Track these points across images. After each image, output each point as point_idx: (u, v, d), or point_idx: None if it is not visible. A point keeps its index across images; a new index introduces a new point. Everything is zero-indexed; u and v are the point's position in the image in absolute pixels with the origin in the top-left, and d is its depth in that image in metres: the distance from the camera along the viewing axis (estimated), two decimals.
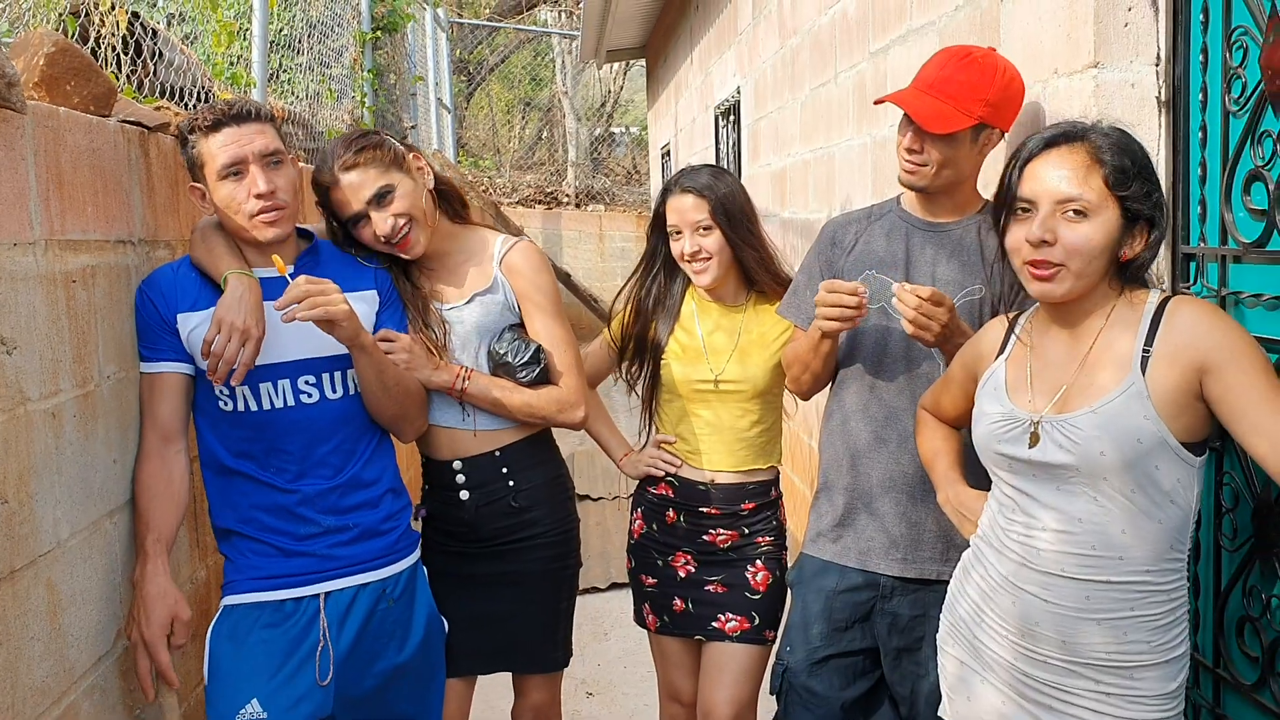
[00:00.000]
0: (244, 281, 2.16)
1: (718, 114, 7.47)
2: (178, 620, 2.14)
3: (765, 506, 2.76)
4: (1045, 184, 1.72)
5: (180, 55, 3.55)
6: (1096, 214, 1.69)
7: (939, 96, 2.18)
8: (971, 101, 2.16)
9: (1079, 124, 1.76)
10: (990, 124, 2.20)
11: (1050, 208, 1.71)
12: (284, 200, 2.19)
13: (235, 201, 2.16)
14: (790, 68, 5.09)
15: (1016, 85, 2.23)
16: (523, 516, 2.56)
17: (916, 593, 2.30)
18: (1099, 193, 1.69)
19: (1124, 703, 1.73)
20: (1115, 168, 1.69)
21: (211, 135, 2.15)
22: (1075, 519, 1.72)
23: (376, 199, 2.35)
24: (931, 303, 2.08)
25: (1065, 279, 1.72)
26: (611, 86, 17.27)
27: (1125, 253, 1.73)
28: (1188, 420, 1.67)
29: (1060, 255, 1.70)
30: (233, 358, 2.10)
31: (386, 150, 2.39)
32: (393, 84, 7.34)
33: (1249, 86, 1.89)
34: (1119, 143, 1.72)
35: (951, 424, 2.15)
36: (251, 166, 2.15)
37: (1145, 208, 1.70)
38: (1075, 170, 1.70)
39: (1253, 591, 1.90)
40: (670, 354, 2.75)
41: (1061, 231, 1.70)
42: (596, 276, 13.48)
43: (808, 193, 4.81)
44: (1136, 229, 1.72)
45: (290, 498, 2.24)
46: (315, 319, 2.11)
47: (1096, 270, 1.72)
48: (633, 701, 4.04)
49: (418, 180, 2.43)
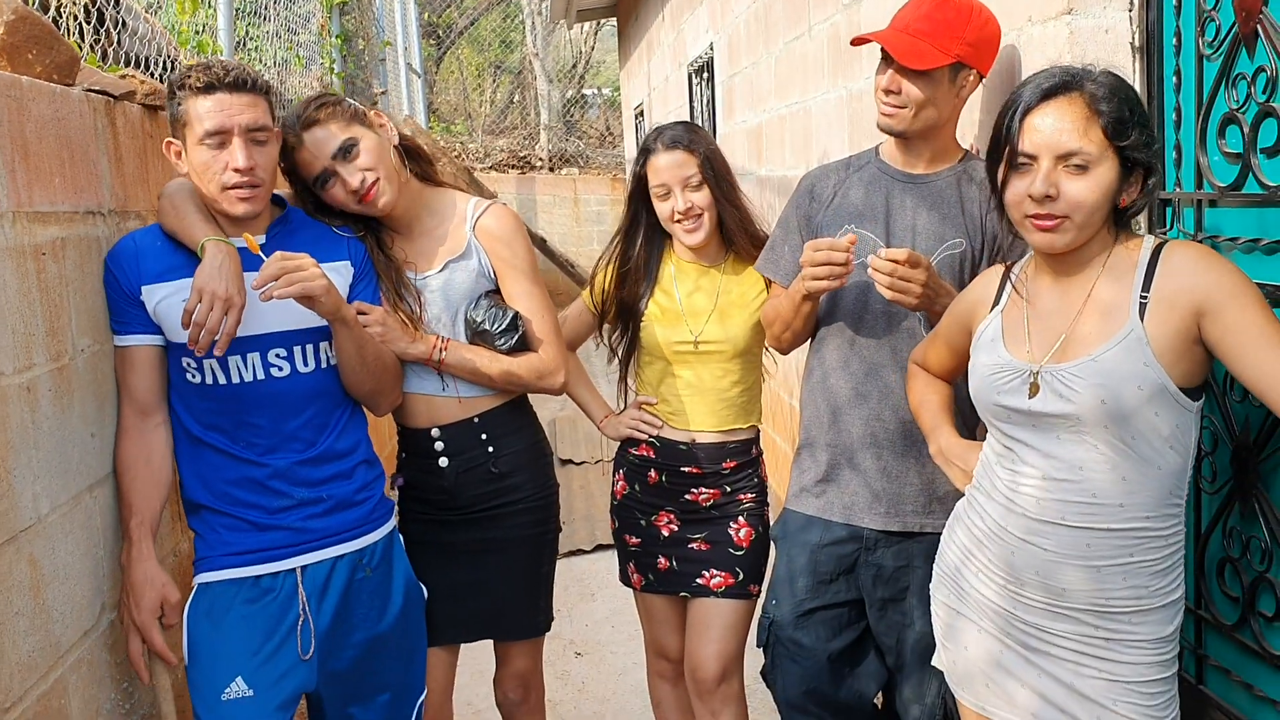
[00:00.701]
0: (223, 249, 2.12)
1: (691, 72, 7.42)
2: (166, 602, 2.13)
3: (746, 465, 2.76)
4: (1046, 137, 1.70)
5: (144, 24, 3.50)
6: (1097, 165, 1.69)
7: (916, 35, 2.18)
8: (949, 40, 2.16)
9: (1073, 71, 1.73)
10: (968, 64, 2.19)
11: (1052, 162, 1.70)
12: (261, 179, 2.15)
13: (211, 170, 2.12)
14: (763, 22, 5.05)
15: (993, 27, 2.22)
16: (503, 483, 2.56)
17: (900, 544, 2.31)
18: (1100, 144, 1.68)
19: (1122, 647, 1.75)
20: (1114, 118, 1.68)
21: (201, 96, 2.09)
22: (1076, 467, 1.73)
23: (342, 153, 2.34)
24: (909, 264, 2.08)
25: (1068, 230, 1.72)
26: (583, 47, 17.13)
27: (1123, 199, 1.73)
28: (1186, 365, 1.68)
29: (1064, 208, 1.70)
30: (215, 327, 2.06)
31: (346, 107, 2.39)
32: (361, 49, 7.27)
33: (1222, 29, 1.88)
34: (1115, 90, 1.71)
35: (943, 377, 2.16)
36: (235, 139, 2.10)
37: (1144, 156, 1.70)
38: (1075, 123, 1.69)
39: (1233, 533, 1.92)
40: (650, 316, 2.75)
41: (1064, 185, 1.70)
42: (572, 241, 13.43)
43: (784, 149, 4.79)
44: (1134, 176, 1.72)
45: (261, 470, 2.22)
46: (294, 295, 2.08)
47: (1098, 220, 1.73)
48: (621, 660, 4.07)
49: (381, 135, 2.42)
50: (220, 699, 2.16)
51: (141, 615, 2.10)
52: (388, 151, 2.42)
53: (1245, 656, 1.92)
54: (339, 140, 2.34)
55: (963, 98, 2.25)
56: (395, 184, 2.41)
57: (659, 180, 2.65)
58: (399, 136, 2.50)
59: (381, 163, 2.38)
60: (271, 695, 2.18)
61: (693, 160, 2.62)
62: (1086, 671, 1.77)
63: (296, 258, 2.10)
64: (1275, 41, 1.76)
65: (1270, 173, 1.80)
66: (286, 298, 2.08)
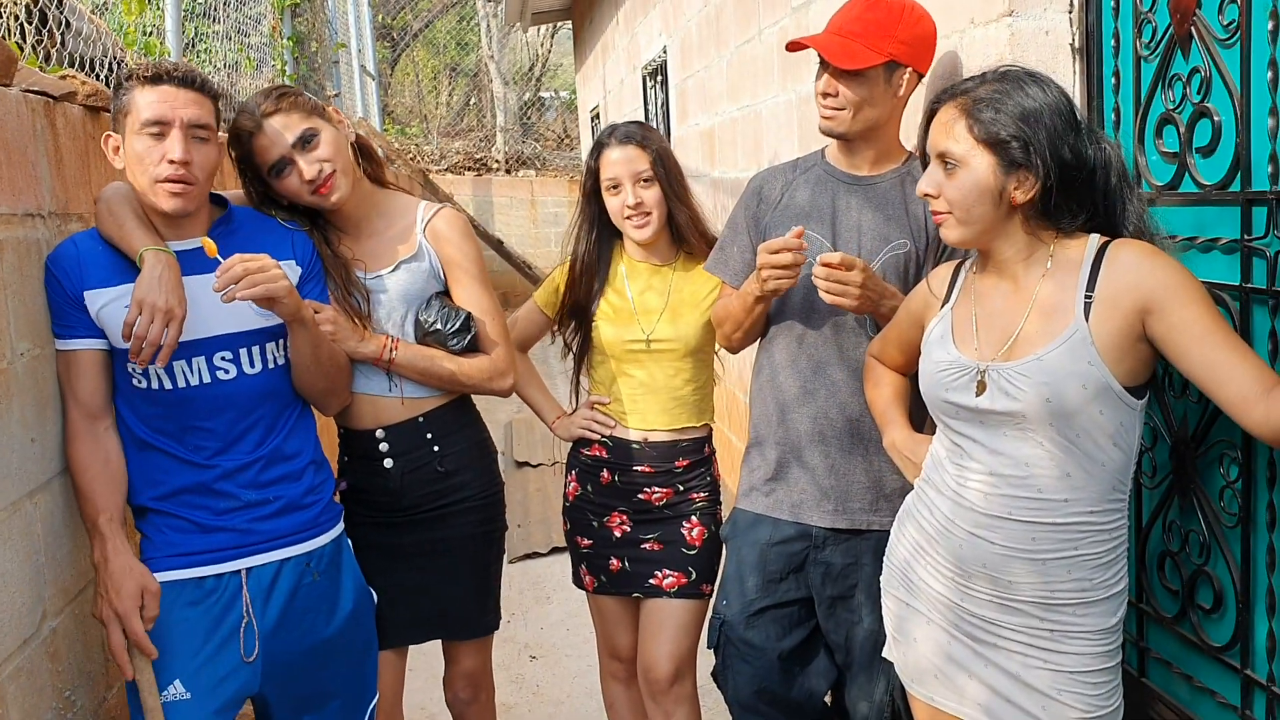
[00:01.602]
0: (161, 258, 2.09)
1: (645, 75, 7.43)
2: (147, 592, 2.10)
3: (699, 464, 2.77)
4: (931, 140, 1.83)
5: (89, 25, 3.45)
6: (965, 164, 1.77)
7: (848, 36, 2.21)
8: (880, 39, 2.19)
9: (973, 78, 1.82)
10: (902, 62, 2.21)
11: (936, 161, 1.82)
12: (195, 176, 2.12)
13: (146, 160, 2.09)
14: (714, 25, 5.07)
15: (926, 26, 2.25)
16: (449, 481, 2.55)
17: (848, 541, 2.33)
18: (967, 144, 1.76)
19: (1067, 639, 1.78)
20: (984, 119, 1.75)
21: (147, 87, 2.08)
22: (1022, 463, 1.76)
23: (301, 142, 2.34)
24: (844, 267, 2.10)
25: (952, 225, 1.81)
26: (539, 50, 17.11)
27: (1015, 197, 1.76)
28: (1130, 363, 1.70)
29: (943, 205, 1.81)
30: (156, 339, 2.04)
31: (307, 99, 2.40)
32: (314, 51, 7.22)
33: (1159, 31, 1.91)
34: (1000, 92, 1.76)
35: (898, 371, 2.18)
36: (174, 130, 2.08)
37: (1021, 156, 1.73)
38: (946, 124, 1.80)
39: (1172, 527, 1.95)
40: (601, 315, 2.75)
41: (943, 182, 1.80)
42: (530, 243, 13.40)
43: (737, 151, 4.81)
44: (1019, 175, 1.75)
45: (209, 473, 2.19)
46: (256, 297, 2.06)
47: (983, 216, 1.78)
48: (575, 663, 4.06)
49: (340, 130, 2.43)
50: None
51: (123, 603, 2.07)
52: (345, 147, 2.42)
53: (1185, 648, 1.95)
54: (299, 130, 2.34)
55: (901, 97, 2.27)
56: (350, 179, 2.41)
57: (611, 174, 2.66)
58: (355, 135, 2.50)
59: (339, 156, 2.38)
60: (210, 699, 2.15)
61: (644, 156, 2.63)
62: (1033, 663, 1.80)
63: (258, 258, 2.08)
64: (1209, 43, 1.79)
65: (1206, 172, 1.83)
66: (249, 299, 2.06)
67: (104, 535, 2.11)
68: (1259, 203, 1.70)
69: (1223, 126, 1.78)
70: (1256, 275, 1.72)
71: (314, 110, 2.39)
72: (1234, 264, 1.77)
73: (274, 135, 2.33)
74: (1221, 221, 1.80)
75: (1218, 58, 1.77)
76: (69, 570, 2.21)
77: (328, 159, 2.35)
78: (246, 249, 2.17)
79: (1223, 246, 1.80)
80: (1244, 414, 1.58)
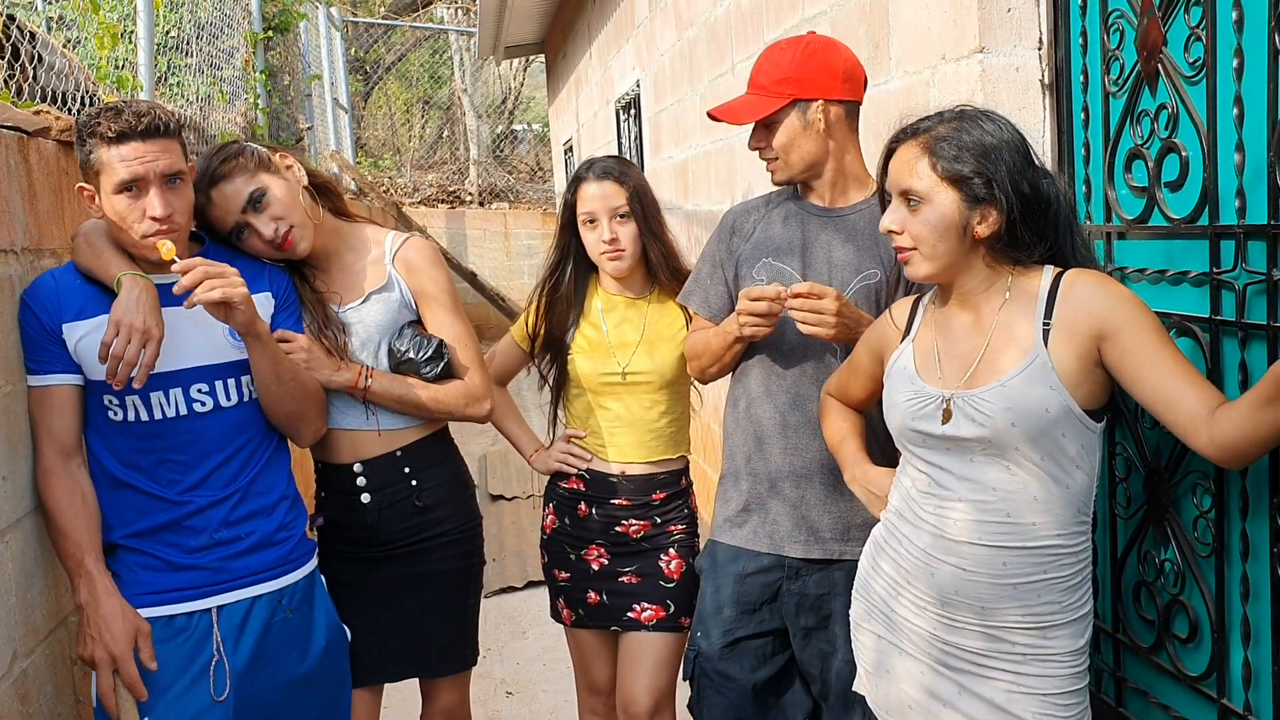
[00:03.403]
0: (139, 282, 2.09)
1: (619, 108, 7.47)
2: (140, 634, 2.09)
3: (676, 496, 2.77)
4: (892, 178, 1.85)
5: (61, 59, 3.45)
6: (929, 200, 1.79)
7: (752, 91, 2.31)
8: (776, 83, 2.26)
9: (929, 117, 1.85)
10: (805, 98, 2.24)
11: (897, 198, 1.84)
12: (179, 224, 2.12)
13: (129, 219, 2.08)
14: (688, 60, 5.11)
15: (827, 56, 2.27)
16: (427, 516, 2.53)
17: (822, 571, 2.33)
18: (929, 181, 1.79)
19: (1037, 663, 1.79)
20: (946, 156, 1.77)
21: (114, 146, 2.05)
22: (989, 489, 1.78)
23: (251, 205, 2.31)
24: (813, 296, 2.12)
25: (918, 261, 1.83)
26: (512, 83, 17.17)
27: (978, 231, 1.78)
28: (1089, 388, 1.73)
29: (908, 241, 1.83)
30: (134, 359, 2.02)
31: (250, 155, 2.35)
32: (287, 85, 7.22)
33: (1127, 67, 1.95)
34: (959, 130, 1.79)
35: (856, 407, 2.19)
36: (152, 188, 2.06)
37: (981, 191, 1.76)
38: (908, 162, 1.82)
39: (1147, 557, 1.96)
40: (576, 349, 2.75)
41: (906, 219, 1.82)
42: (503, 275, 13.39)
43: (710, 184, 4.84)
44: (982, 210, 1.77)
45: (181, 510, 2.18)
46: (214, 300, 2.04)
47: (948, 251, 1.80)
48: (553, 699, 4.03)
49: (289, 179, 2.40)
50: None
51: (119, 645, 2.06)
52: (298, 194, 2.39)
53: (1162, 678, 1.96)
54: (246, 192, 2.31)
55: (832, 131, 2.27)
56: (310, 227, 2.40)
57: (587, 208, 2.67)
58: (307, 175, 2.48)
59: (293, 208, 2.35)
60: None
61: (621, 192, 2.65)
62: (1004, 686, 1.81)
63: (218, 265, 2.07)
64: (1175, 80, 1.82)
65: (1174, 206, 1.86)
66: (207, 301, 2.04)
67: (92, 576, 2.09)
68: (1227, 236, 1.73)
69: (1190, 161, 1.81)
70: (1225, 308, 1.75)
71: (259, 165, 2.35)
72: (1203, 296, 1.80)
73: (223, 203, 2.31)
74: (1190, 255, 1.83)
75: (1184, 94, 1.81)
76: (40, 610, 2.18)
77: (280, 216, 2.33)
78: None
79: (1192, 279, 1.83)
80: (1193, 436, 1.62)
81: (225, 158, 2.33)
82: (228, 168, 2.31)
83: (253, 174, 2.33)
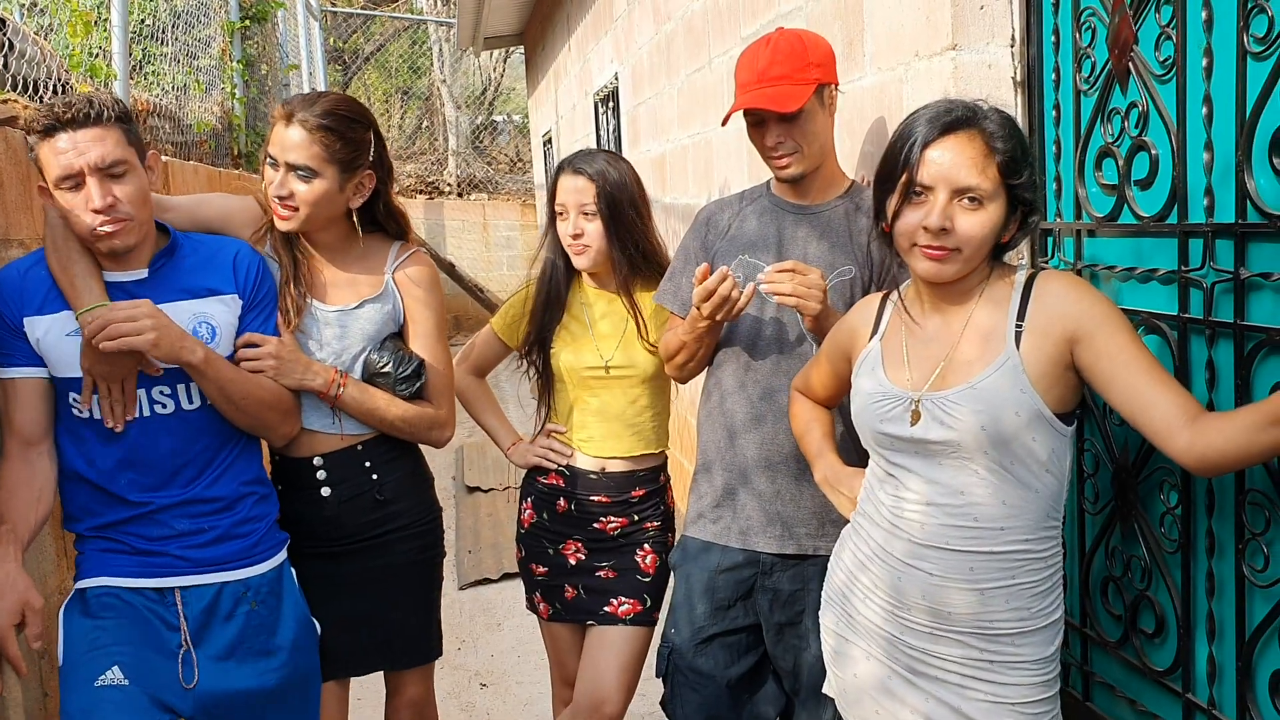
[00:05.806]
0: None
1: (597, 100, 7.46)
2: (29, 608, 2.02)
3: (654, 493, 2.77)
4: (944, 171, 1.72)
5: (33, 46, 3.41)
6: (990, 202, 1.72)
7: (775, 82, 2.23)
8: (802, 70, 2.23)
9: (970, 107, 1.76)
10: (826, 82, 2.27)
11: (948, 195, 1.72)
12: (126, 213, 2.06)
13: (75, 213, 2.04)
14: (666, 53, 5.10)
15: (822, 43, 2.30)
16: (388, 509, 2.52)
17: (795, 567, 2.34)
18: (994, 182, 1.72)
19: (1006, 669, 1.77)
20: (1009, 158, 1.72)
21: (46, 140, 2.01)
22: (958, 492, 1.76)
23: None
24: (798, 272, 2.12)
25: (955, 262, 1.75)
26: (492, 74, 17.11)
27: (1005, 235, 1.77)
28: (1060, 391, 1.72)
29: (955, 241, 1.72)
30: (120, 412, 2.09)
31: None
32: (264, 74, 7.15)
33: (1098, 66, 1.96)
34: (1009, 129, 1.75)
35: (824, 403, 2.19)
36: (89, 179, 2.01)
37: (1031, 195, 1.75)
38: (975, 160, 1.71)
39: (1114, 553, 1.98)
40: (559, 343, 2.74)
41: (958, 220, 1.72)
42: (481, 266, 13.37)
43: (687, 177, 4.84)
44: (1017, 214, 1.76)
45: (142, 509, 2.17)
46: (115, 350, 2.02)
47: (984, 254, 1.77)
48: (527, 690, 4.03)
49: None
50: (93, 685, 2.07)
51: (1, 619, 1.99)
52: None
53: (1129, 672, 1.97)
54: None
55: (833, 115, 2.32)
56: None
57: (560, 200, 2.68)
58: (386, 203, 2.49)
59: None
60: (143, 695, 2.10)
61: (591, 190, 2.63)
62: (971, 694, 1.79)
63: (127, 308, 2.04)
64: (1146, 79, 1.83)
65: (1144, 204, 1.87)
66: (109, 350, 2.02)
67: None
68: (1195, 235, 1.74)
69: (1160, 160, 1.82)
70: (1194, 306, 1.76)
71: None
72: (1172, 294, 1.81)
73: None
74: (1159, 252, 1.84)
75: (1155, 93, 1.82)
76: None
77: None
78: (186, 282, 2.17)
79: (1160, 277, 1.84)
80: (1167, 441, 1.60)
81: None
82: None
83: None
